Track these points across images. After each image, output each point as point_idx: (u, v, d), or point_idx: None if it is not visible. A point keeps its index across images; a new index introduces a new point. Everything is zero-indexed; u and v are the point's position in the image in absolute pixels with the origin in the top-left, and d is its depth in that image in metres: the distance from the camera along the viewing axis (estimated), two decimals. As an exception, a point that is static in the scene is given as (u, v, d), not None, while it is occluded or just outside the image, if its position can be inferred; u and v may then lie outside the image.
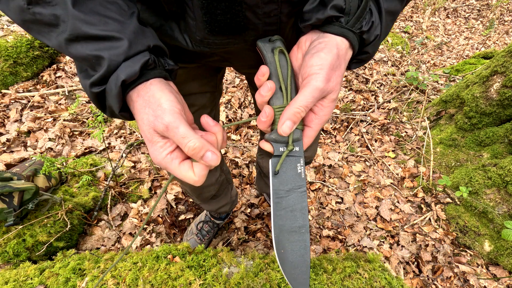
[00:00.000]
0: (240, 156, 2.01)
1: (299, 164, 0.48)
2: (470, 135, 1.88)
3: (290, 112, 0.43)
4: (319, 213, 1.76)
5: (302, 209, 0.47)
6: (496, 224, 1.51)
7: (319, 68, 0.42)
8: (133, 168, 1.80)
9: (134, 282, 0.94)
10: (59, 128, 1.92)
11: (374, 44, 0.48)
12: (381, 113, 2.43)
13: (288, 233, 0.46)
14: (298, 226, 0.47)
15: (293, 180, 0.48)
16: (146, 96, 0.40)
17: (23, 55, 2.12)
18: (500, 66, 1.75)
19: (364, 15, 0.44)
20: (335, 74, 0.43)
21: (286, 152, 0.47)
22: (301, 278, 0.47)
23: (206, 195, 1.22)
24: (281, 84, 0.46)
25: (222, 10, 0.45)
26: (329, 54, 0.43)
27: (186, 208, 1.74)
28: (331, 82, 0.43)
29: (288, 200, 0.47)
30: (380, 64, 3.06)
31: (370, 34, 0.45)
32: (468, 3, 5.17)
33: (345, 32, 0.44)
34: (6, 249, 1.20)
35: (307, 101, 0.43)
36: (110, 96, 0.40)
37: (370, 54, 0.49)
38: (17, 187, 1.15)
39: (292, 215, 0.47)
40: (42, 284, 0.97)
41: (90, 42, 0.38)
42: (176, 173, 0.41)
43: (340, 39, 0.44)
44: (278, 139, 0.47)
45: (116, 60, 0.38)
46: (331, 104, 0.46)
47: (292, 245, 0.46)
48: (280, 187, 0.47)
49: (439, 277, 1.48)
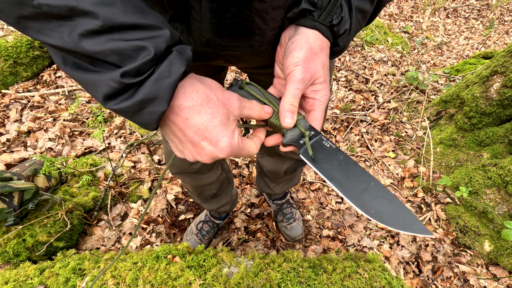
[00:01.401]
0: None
1: (323, 141, 0.50)
2: (470, 135, 1.88)
3: (285, 106, 0.47)
4: (319, 213, 1.76)
5: (355, 169, 0.49)
6: (496, 224, 1.51)
7: (294, 66, 0.47)
8: (133, 168, 1.80)
9: (134, 282, 0.94)
10: (59, 128, 1.92)
11: (343, 38, 0.51)
12: (381, 113, 2.43)
13: (362, 195, 0.47)
14: (365, 185, 0.47)
15: (329, 156, 0.50)
16: (202, 85, 0.40)
17: (23, 55, 2.12)
18: (500, 66, 1.75)
19: (334, 9, 0.47)
20: (312, 63, 0.47)
21: (307, 139, 0.49)
22: (407, 217, 0.45)
23: (207, 193, 1.22)
24: (264, 101, 0.51)
25: (231, 14, 0.47)
26: (300, 51, 0.47)
27: (186, 208, 1.74)
28: (310, 70, 0.47)
29: (340, 172, 0.48)
30: (380, 64, 3.06)
31: (340, 27, 0.49)
32: (468, 3, 5.17)
33: (317, 25, 0.48)
34: (6, 249, 1.20)
35: (294, 92, 0.47)
36: (160, 85, 0.35)
37: (340, 46, 0.53)
38: (17, 187, 1.15)
39: (354, 179, 0.48)
40: (42, 284, 0.97)
41: (126, 32, 0.33)
42: (244, 148, 0.45)
43: (312, 32, 0.48)
44: (293, 137, 0.50)
45: (160, 48, 0.35)
46: (323, 86, 0.50)
47: (374, 201, 0.46)
48: (325, 168, 0.48)
49: (439, 277, 1.48)
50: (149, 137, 1.95)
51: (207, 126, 0.40)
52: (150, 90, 0.35)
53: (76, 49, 0.33)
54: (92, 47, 0.32)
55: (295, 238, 1.58)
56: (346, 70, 2.96)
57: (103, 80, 0.34)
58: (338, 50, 0.54)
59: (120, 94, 0.35)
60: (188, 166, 1.01)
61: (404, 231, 0.44)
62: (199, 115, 0.39)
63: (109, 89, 0.34)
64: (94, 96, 0.36)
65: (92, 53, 0.33)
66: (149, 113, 0.36)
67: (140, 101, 0.35)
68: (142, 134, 2.00)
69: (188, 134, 0.41)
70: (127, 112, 0.36)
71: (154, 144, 1.98)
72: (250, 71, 0.78)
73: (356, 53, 3.24)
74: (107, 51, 0.33)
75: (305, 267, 1.02)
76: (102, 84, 0.34)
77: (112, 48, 0.33)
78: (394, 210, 0.45)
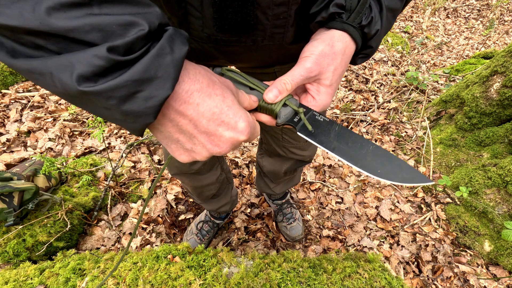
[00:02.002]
0: (240, 156, 2.01)
1: (316, 115, 0.50)
2: (470, 135, 1.88)
3: (277, 82, 0.46)
4: (319, 213, 1.76)
5: (352, 137, 0.50)
6: (496, 224, 1.51)
7: (310, 53, 0.46)
8: (133, 168, 1.80)
9: (134, 282, 0.94)
10: (59, 128, 1.92)
11: (376, 38, 0.50)
12: (381, 113, 2.43)
13: (365, 159, 0.48)
14: (365, 149, 0.49)
15: (326, 127, 0.50)
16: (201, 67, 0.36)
17: (23, 55, 2.12)
18: (500, 66, 1.75)
19: (363, 10, 0.47)
20: (325, 60, 0.46)
21: (302, 115, 0.49)
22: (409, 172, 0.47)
23: (207, 194, 1.22)
24: (249, 84, 0.49)
25: (234, 9, 0.47)
26: (322, 43, 0.46)
27: (186, 208, 1.74)
28: (320, 66, 0.46)
29: (339, 142, 0.49)
30: (380, 64, 3.06)
31: (371, 28, 0.48)
32: (468, 3, 5.17)
33: (345, 27, 0.47)
34: (6, 249, 1.20)
35: (294, 76, 0.46)
36: (161, 63, 0.29)
37: (373, 48, 0.52)
38: (17, 187, 1.15)
39: (353, 146, 0.49)
40: (42, 284, 0.97)
41: (110, 5, 0.27)
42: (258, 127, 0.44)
43: (339, 33, 0.47)
44: (287, 117, 0.49)
45: (154, 24, 0.29)
46: (327, 91, 0.49)
47: (377, 162, 0.48)
48: (325, 140, 0.49)
49: (439, 277, 1.48)
50: (149, 137, 1.95)
51: (221, 107, 0.35)
52: (148, 67, 0.28)
53: (42, 27, 0.25)
54: (66, 22, 0.25)
55: (295, 238, 1.58)
56: (346, 70, 2.96)
57: (82, 59, 0.26)
58: (370, 52, 0.53)
59: (103, 75, 0.27)
60: (188, 167, 1.01)
61: (409, 183, 0.47)
62: (210, 98, 0.34)
63: (90, 68, 0.26)
64: (62, 83, 0.27)
65: (64, 30, 0.25)
66: (144, 98, 0.29)
67: (134, 81, 0.28)
68: (142, 134, 2.00)
69: (201, 124, 0.35)
70: (111, 96, 0.28)
71: (154, 144, 1.98)
72: (249, 70, 0.78)
73: (356, 53, 3.23)
74: (86, 26, 0.26)
75: (305, 267, 1.02)
76: (79, 64, 0.26)
77: (93, 23, 0.26)
78: (396, 167, 0.48)
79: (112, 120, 0.32)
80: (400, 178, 0.47)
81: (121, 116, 0.30)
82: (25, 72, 0.28)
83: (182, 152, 0.39)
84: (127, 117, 0.30)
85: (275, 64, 0.70)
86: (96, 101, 0.28)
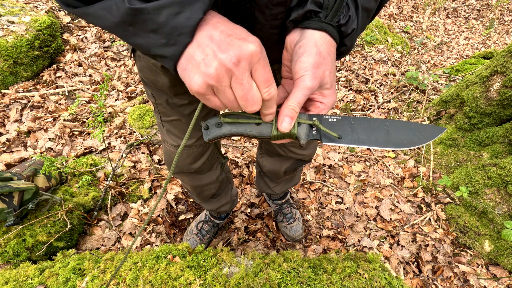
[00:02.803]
0: (240, 156, 2.01)
1: (328, 118, 0.52)
2: (470, 135, 1.88)
3: (286, 110, 0.47)
4: (319, 213, 1.76)
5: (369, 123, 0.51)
6: (496, 224, 1.51)
7: (304, 71, 0.46)
8: (133, 168, 1.80)
9: (134, 282, 0.94)
10: (59, 128, 1.92)
11: (351, 37, 0.51)
12: (381, 113, 2.43)
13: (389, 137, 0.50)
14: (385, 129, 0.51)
15: (343, 125, 0.51)
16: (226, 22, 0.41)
17: (23, 55, 2.12)
18: (500, 66, 1.75)
19: (341, 9, 0.47)
20: (320, 69, 0.47)
21: (320, 126, 0.50)
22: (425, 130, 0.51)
23: (207, 193, 1.22)
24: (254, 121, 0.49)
25: (232, 5, 0.47)
26: (310, 56, 0.46)
27: (186, 208, 1.74)
28: (318, 77, 0.47)
29: (360, 133, 0.51)
30: (380, 64, 3.06)
31: (348, 27, 0.49)
32: (468, 3, 5.17)
33: (324, 26, 0.47)
34: (6, 249, 1.20)
35: (299, 99, 0.47)
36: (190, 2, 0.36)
37: (347, 46, 0.52)
38: (17, 187, 1.15)
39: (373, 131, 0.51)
40: (42, 284, 0.97)
41: None
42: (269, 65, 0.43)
43: (319, 34, 0.47)
44: (307, 134, 0.50)
45: None
46: (330, 92, 0.50)
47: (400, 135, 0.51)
48: (351, 139, 0.50)
49: (439, 277, 1.48)
50: (149, 137, 1.95)
51: (233, 29, 0.40)
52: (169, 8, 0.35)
53: None
54: None
55: (295, 238, 1.58)
56: (346, 70, 2.96)
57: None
58: (345, 50, 0.53)
59: None
60: (188, 166, 1.01)
61: (430, 140, 0.51)
62: (225, 25, 0.40)
63: None
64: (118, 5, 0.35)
65: None
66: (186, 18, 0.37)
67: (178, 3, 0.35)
68: (142, 134, 2.00)
69: (215, 34, 0.39)
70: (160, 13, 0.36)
71: (154, 144, 1.98)
72: None
73: (356, 53, 3.24)
74: None
75: (305, 267, 1.02)
76: None
77: None
78: (415, 131, 0.51)
79: (152, 48, 0.39)
80: (425, 138, 0.50)
81: (165, 38, 0.37)
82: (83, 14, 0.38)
83: (196, 69, 0.40)
84: (171, 36, 0.37)
85: (273, 62, 0.70)
86: (146, 20, 0.36)
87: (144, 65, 0.69)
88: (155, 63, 0.64)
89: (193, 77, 0.40)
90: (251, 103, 0.42)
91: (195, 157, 0.98)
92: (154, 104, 0.85)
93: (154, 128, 2.01)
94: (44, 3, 2.66)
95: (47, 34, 2.28)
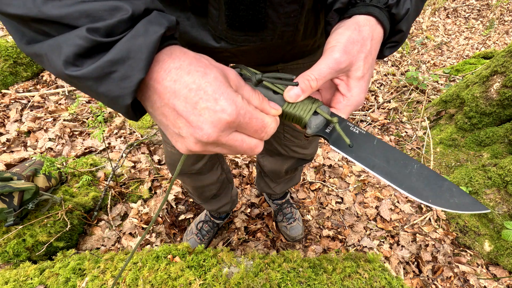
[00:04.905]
0: (240, 156, 2.01)
1: (351, 127, 0.43)
2: (470, 135, 1.88)
3: (300, 78, 0.40)
4: (319, 213, 1.76)
5: (393, 153, 0.43)
6: (496, 224, 1.51)
7: (336, 42, 0.40)
8: (133, 168, 1.80)
9: (134, 282, 0.94)
10: (59, 128, 1.92)
11: (406, 20, 0.43)
12: (381, 113, 2.43)
13: (409, 179, 0.42)
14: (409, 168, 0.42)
15: (363, 141, 0.43)
16: (191, 54, 0.33)
17: (23, 55, 2.12)
18: (500, 66, 1.75)
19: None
20: (355, 46, 0.40)
21: (336, 125, 0.42)
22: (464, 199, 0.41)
23: (207, 194, 1.22)
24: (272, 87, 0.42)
25: (246, 6, 0.46)
26: (347, 30, 0.40)
27: (186, 208, 1.74)
28: (350, 54, 0.40)
29: (379, 158, 0.43)
30: (380, 64, 3.06)
31: (400, 8, 0.42)
32: (468, 3, 5.17)
33: (370, 9, 0.41)
34: (6, 249, 1.20)
35: (321, 70, 0.39)
36: (134, 43, 0.29)
37: (404, 32, 0.44)
38: (17, 187, 1.15)
39: (395, 164, 0.42)
40: (42, 284, 0.97)
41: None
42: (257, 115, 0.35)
43: (363, 17, 0.41)
44: (318, 127, 0.43)
45: (139, 9, 0.31)
46: (359, 84, 0.42)
47: (424, 183, 0.42)
48: (363, 156, 0.42)
49: (439, 277, 1.48)
50: (149, 137, 1.95)
51: (199, 83, 0.31)
52: (120, 49, 0.29)
53: (40, 15, 0.28)
54: (58, 10, 0.28)
55: (295, 238, 1.58)
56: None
57: (68, 40, 0.29)
58: (399, 38, 0.45)
59: (85, 57, 0.29)
60: (189, 167, 1.01)
61: (464, 211, 0.41)
62: (189, 74, 0.32)
63: (74, 48, 0.28)
64: (54, 66, 0.30)
65: (57, 17, 0.28)
66: (118, 79, 0.30)
67: (108, 61, 0.29)
68: (142, 134, 2.00)
69: (178, 103, 0.32)
70: (91, 78, 0.29)
71: (154, 144, 1.98)
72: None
73: (356, 53, 3.23)
74: (76, 13, 0.29)
75: (305, 267, 1.02)
76: (65, 45, 0.29)
77: (82, 10, 0.29)
78: (446, 190, 0.41)
79: (102, 102, 0.33)
80: (454, 205, 0.41)
81: (103, 98, 0.32)
82: (32, 55, 0.32)
83: (176, 138, 0.36)
84: (107, 99, 0.31)
85: (278, 61, 0.70)
86: (80, 84, 0.31)
87: None
88: None
89: (172, 138, 0.36)
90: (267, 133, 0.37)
91: (196, 158, 0.98)
92: None
93: (154, 128, 2.01)
94: (44, 3, 2.65)
95: (47, 34, 2.28)
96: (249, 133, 0.36)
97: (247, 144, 0.36)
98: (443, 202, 0.41)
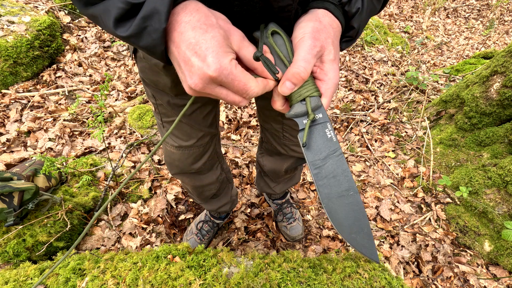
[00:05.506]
0: (240, 156, 2.01)
1: (327, 129, 0.47)
2: (470, 135, 1.88)
3: (289, 72, 0.44)
4: (319, 213, 1.76)
5: (343, 172, 0.46)
6: (496, 224, 1.51)
7: (303, 33, 0.45)
8: (133, 168, 1.80)
9: (134, 282, 0.94)
10: (59, 128, 1.92)
11: (358, 17, 0.49)
12: (381, 113, 2.43)
13: (337, 199, 0.45)
14: (344, 189, 0.45)
15: (325, 147, 0.46)
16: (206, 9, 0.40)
17: (23, 55, 2.12)
18: (500, 66, 1.75)
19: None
20: (321, 34, 0.45)
21: (308, 122, 0.45)
22: (365, 242, 0.45)
23: (207, 194, 1.22)
24: (285, 62, 0.45)
25: (240, 1, 0.47)
26: (310, 22, 0.46)
27: (186, 208, 1.74)
28: (320, 40, 0.44)
29: (327, 168, 0.46)
30: (380, 64, 3.06)
31: (351, 6, 0.48)
32: (468, 3, 5.16)
33: (326, 5, 0.47)
34: (6, 249, 1.20)
35: (305, 57, 0.43)
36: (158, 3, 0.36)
37: (355, 28, 0.50)
38: (17, 187, 1.15)
39: (335, 181, 0.45)
40: (42, 284, 0.97)
41: None
42: (240, 78, 0.40)
43: (322, 11, 0.47)
44: (297, 113, 0.46)
45: None
46: (333, 67, 0.47)
47: (344, 210, 0.45)
48: (315, 157, 0.46)
49: (439, 277, 1.48)
50: (149, 137, 1.95)
51: (198, 39, 0.37)
52: (149, 5, 0.36)
53: None
54: None
55: (295, 238, 1.58)
56: (346, 70, 2.96)
57: (113, 3, 0.36)
58: (353, 34, 0.51)
59: (127, 18, 0.37)
60: (188, 166, 1.01)
61: (357, 250, 0.46)
62: (193, 30, 0.38)
63: (118, 11, 0.36)
64: (107, 26, 0.38)
65: None
66: (151, 31, 0.37)
67: (142, 18, 0.36)
68: (142, 134, 2.00)
69: (181, 50, 0.38)
70: (135, 36, 0.37)
71: (154, 144, 1.98)
72: None
73: (356, 53, 3.24)
74: None
75: (305, 267, 1.02)
76: (112, 8, 0.36)
77: None
78: (356, 228, 0.45)
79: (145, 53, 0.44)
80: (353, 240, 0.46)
81: (145, 49, 0.39)
82: (89, 16, 0.40)
83: (182, 78, 0.42)
84: (147, 49, 0.39)
85: None
86: (127, 41, 0.39)
87: (146, 66, 0.69)
88: (157, 63, 0.64)
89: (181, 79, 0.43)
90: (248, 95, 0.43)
91: (195, 158, 0.98)
92: (155, 105, 0.85)
93: (154, 128, 2.01)
94: (44, 3, 2.66)
95: (47, 34, 2.28)
96: (232, 91, 0.42)
97: (231, 98, 0.42)
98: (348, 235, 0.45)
